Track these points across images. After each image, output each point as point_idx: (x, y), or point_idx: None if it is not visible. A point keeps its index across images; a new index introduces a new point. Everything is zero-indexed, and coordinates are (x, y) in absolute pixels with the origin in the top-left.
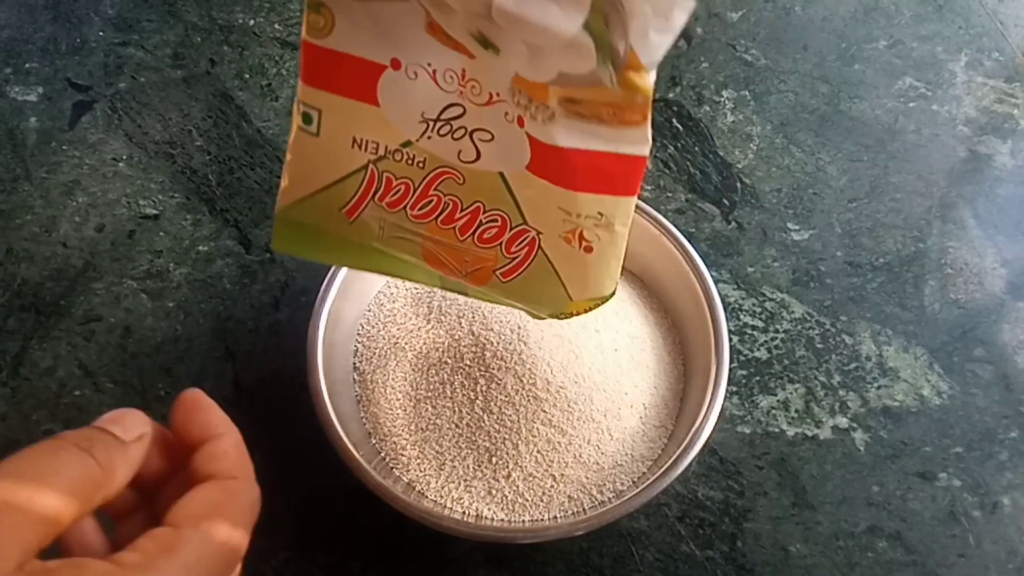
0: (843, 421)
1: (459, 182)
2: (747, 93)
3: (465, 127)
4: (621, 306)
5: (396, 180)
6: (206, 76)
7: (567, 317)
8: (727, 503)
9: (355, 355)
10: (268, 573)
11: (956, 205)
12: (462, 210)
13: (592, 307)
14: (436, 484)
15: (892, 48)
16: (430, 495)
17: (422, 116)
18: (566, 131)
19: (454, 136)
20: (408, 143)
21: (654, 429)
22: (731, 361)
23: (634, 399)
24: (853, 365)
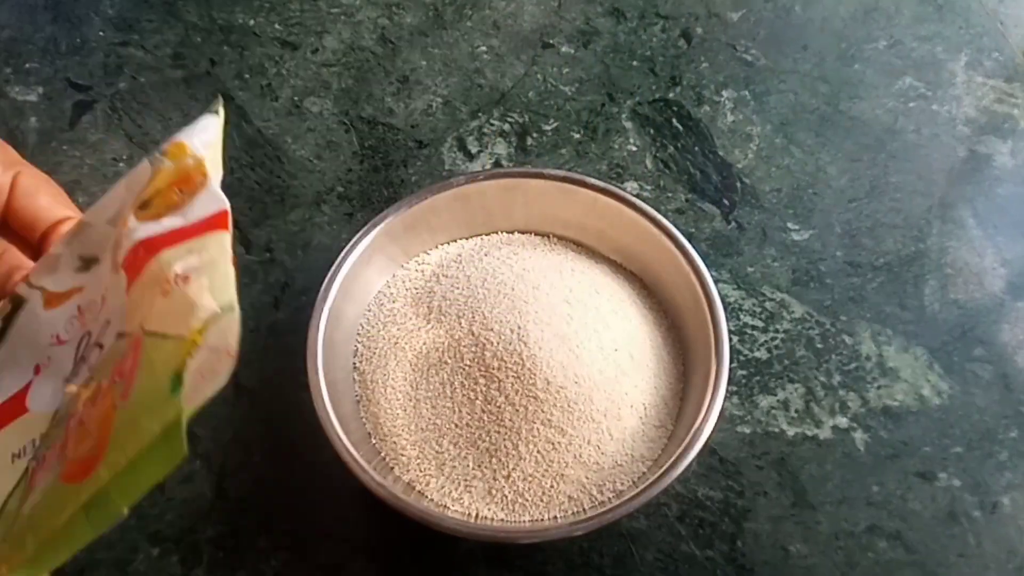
0: (843, 421)
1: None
2: (747, 93)
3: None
4: (621, 306)
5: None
6: (206, 76)
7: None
8: (727, 503)
9: (355, 355)
10: (268, 573)
11: (956, 205)
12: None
13: (226, 322)
14: (436, 484)
15: (892, 48)
16: (430, 495)
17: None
18: (144, 230)
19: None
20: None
21: (654, 429)
22: (731, 361)
23: (634, 399)
24: (853, 365)
